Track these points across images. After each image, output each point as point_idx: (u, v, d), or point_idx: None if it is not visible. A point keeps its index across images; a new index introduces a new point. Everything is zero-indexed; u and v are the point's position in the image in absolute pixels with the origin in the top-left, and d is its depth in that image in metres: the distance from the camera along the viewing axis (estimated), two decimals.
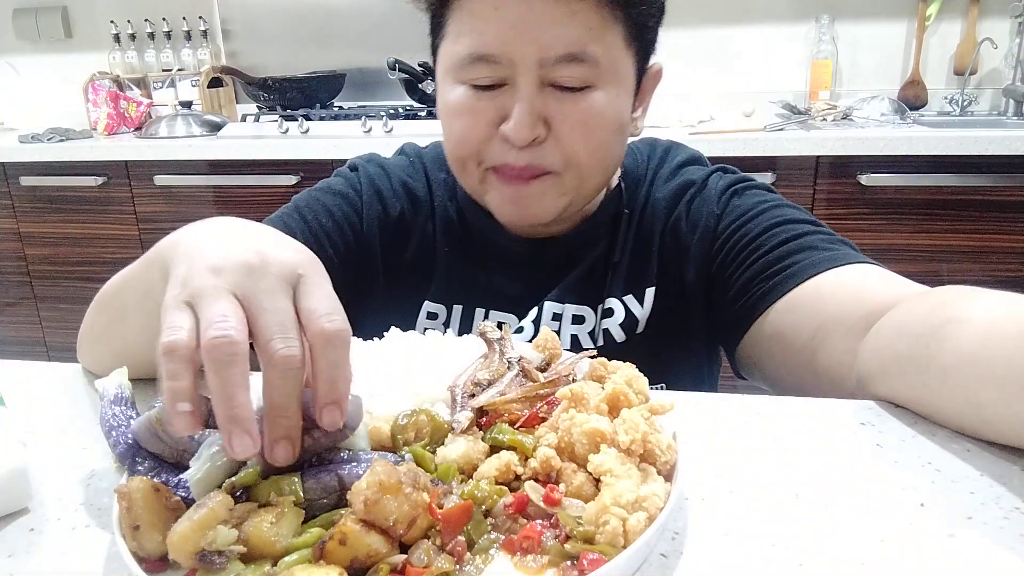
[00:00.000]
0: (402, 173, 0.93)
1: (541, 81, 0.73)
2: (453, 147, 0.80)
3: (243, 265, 0.44)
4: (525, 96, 0.73)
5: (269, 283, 0.44)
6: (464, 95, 0.76)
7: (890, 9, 2.42)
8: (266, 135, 2.29)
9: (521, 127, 0.73)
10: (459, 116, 0.77)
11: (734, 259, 0.81)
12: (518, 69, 0.72)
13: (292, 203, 0.91)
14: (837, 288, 0.72)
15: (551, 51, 0.71)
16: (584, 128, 0.75)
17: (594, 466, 0.44)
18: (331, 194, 0.91)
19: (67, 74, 2.93)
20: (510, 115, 0.73)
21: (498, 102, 0.75)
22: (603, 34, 0.72)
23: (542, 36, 0.71)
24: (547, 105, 0.74)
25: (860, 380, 0.66)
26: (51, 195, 2.43)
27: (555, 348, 0.61)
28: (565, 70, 0.72)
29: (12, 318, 2.62)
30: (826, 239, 0.78)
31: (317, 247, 0.85)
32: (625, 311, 0.86)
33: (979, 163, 1.89)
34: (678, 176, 0.90)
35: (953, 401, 0.56)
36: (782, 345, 0.75)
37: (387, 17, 2.69)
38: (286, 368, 0.42)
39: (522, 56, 0.72)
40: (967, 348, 0.54)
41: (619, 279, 0.87)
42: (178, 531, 0.40)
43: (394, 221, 0.90)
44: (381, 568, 0.39)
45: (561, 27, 0.71)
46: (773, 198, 0.85)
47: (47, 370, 0.75)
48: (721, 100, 2.42)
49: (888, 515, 0.47)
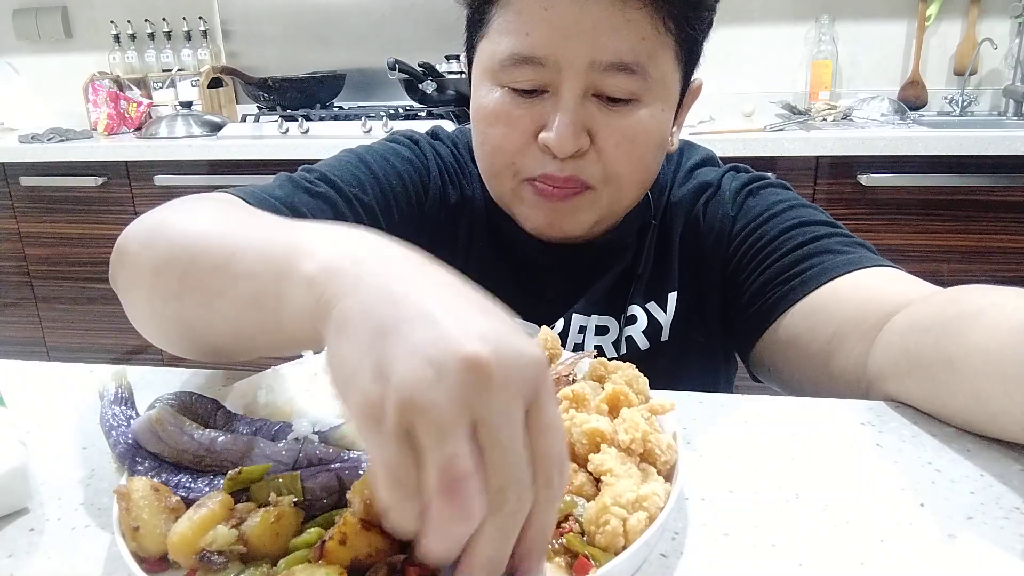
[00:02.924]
0: (451, 160, 0.88)
1: (586, 89, 0.69)
2: (488, 155, 0.76)
3: (472, 366, 0.31)
4: (569, 104, 0.69)
5: (505, 401, 0.32)
6: (501, 99, 0.72)
7: (890, 9, 2.42)
8: (266, 135, 2.29)
9: (564, 137, 0.68)
10: (495, 123, 0.72)
11: (750, 262, 0.80)
12: (564, 74, 0.68)
13: (354, 156, 0.84)
14: (854, 292, 0.71)
15: (602, 56, 0.67)
16: (629, 145, 0.71)
17: (594, 466, 0.44)
18: (399, 158, 0.85)
19: (67, 74, 2.93)
20: (548, 124, 0.70)
21: (538, 109, 0.71)
22: (656, 46, 0.69)
23: (594, 40, 0.67)
24: (591, 116, 0.70)
25: (871, 380, 0.65)
26: (51, 195, 2.43)
27: (555, 348, 0.61)
28: (613, 80, 0.68)
29: (12, 318, 2.61)
30: (843, 241, 0.77)
31: (385, 211, 0.81)
32: (648, 318, 0.84)
33: (979, 163, 1.89)
34: (692, 178, 0.88)
35: (960, 395, 0.56)
36: (797, 349, 0.74)
37: (387, 17, 2.70)
38: (514, 525, 0.33)
39: (570, 60, 0.68)
40: (974, 341, 0.54)
41: (642, 287, 0.85)
42: (178, 531, 0.40)
43: (450, 207, 0.86)
44: (381, 568, 0.39)
45: (615, 34, 0.67)
46: (788, 197, 0.84)
47: (47, 370, 0.75)
48: (721, 100, 2.42)
49: (888, 515, 0.47)
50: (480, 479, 0.31)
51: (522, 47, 0.69)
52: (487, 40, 0.73)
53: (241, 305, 0.48)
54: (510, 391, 0.32)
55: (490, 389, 0.31)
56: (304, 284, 0.40)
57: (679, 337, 0.85)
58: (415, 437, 0.31)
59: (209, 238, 0.51)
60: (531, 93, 0.71)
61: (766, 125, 2.09)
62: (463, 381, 0.31)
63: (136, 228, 0.60)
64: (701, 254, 0.85)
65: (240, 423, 0.52)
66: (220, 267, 0.49)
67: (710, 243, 0.84)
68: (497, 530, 0.33)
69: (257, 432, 0.50)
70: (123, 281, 0.61)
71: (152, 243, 0.56)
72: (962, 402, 0.56)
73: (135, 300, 0.60)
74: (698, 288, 0.85)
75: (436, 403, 0.31)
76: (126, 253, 0.59)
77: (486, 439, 0.32)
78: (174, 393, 0.51)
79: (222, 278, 0.49)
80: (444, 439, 0.31)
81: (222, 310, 0.50)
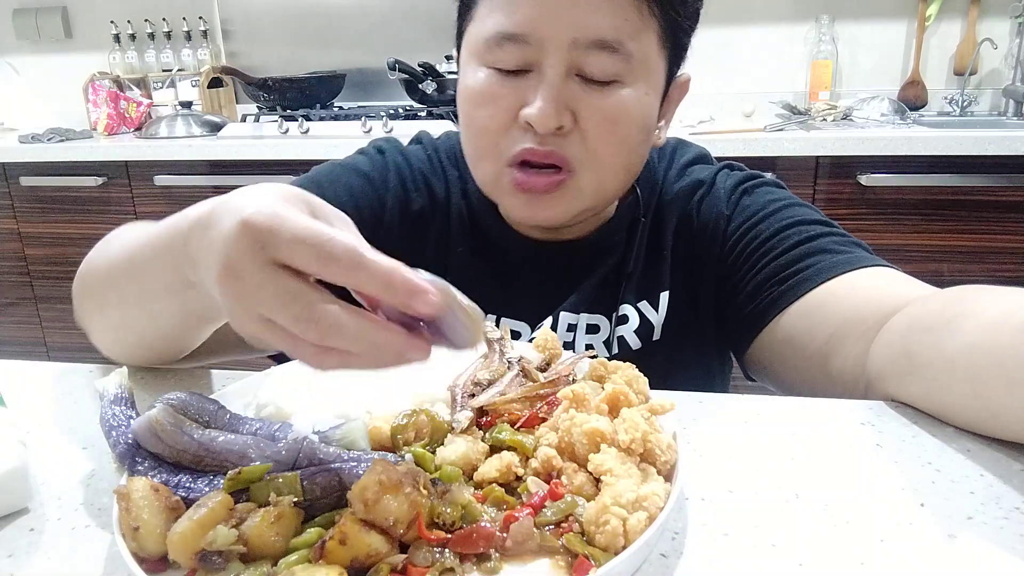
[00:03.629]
0: (423, 166, 0.89)
1: (569, 68, 0.70)
2: (471, 137, 0.76)
3: (246, 225, 0.44)
4: (551, 81, 0.69)
5: (268, 242, 0.44)
6: (486, 79, 0.72)
7: (890, 9, 2.42)
8: (266, 135, 2.29)
9: (545, 112, 0.69)
10: (479, 103, 0.73)
11: (745, 261, 0.80)
12: (546, 51, 0.69)
13: (311, 173, 0.86)
14: (851, 292, 0.71)
15: (584, 34, 0.68)
16: (611, 125, 0.72)
17: (594, 466, 0.44)
18: (355, 173, 0.86)
19: (67, 74, 2.93)
20: (530, 100, 0.70)
21: (522, 88, 0.71)
22: (639, 28, 0.70)
23: (577, 18, 0.68)
24: (573, 95, 0.70)
25: (870, 380, 0.65)
26: (51, 195, 2.43)
27: (555, 348, 0.61)
28: (596, 58, 0.69)
29: (12, 318, 2.61)
30: (838, 241, 0.76)
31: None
32: (640, 318, 0.84)
33: (979, 163, 1.89)
34: (685, 176, 0.88)
35: (961, 394, 0.56)
36: (794, 350, 0.74)
37: (387, 17, 2.70)
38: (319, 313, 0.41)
39: (552, 37, 0.69)
40: (975, 340, 0.54)
41: (633, 285, 0.84)
42: (178, 531, 0.40)
43: (414, 216, 0.86)
44: (381, 568, 0.39)
45: (597, 12, 0.68)
46: (783, 195, 0.83)
47: (47, 370, 0.75)
48: (721, 100, 2.42)
49: (888, 515, 0.47)
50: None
51: (507, 24, 0.70)
52: (474, 23, 0.74)
53: (157, 289, 0.57)
54: (271, 237, 0.41)
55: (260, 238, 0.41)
56: (183, 239, 0.49)
57: (672, 337, 0.84)
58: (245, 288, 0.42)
59: (112, 253, 0.64)
60: (515, 73, 0.71)
61: (766, 125, 2.09)
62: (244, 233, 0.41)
63: (79, 272, 0.72)
64: (695, 252, 0.84)
65: (240, 423, 0.52)
66: (127, 268, 0.60)
67: (704, 241, 0.83)
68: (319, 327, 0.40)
69: (257, 432, 0.50)
70: (80, 314, 0.72)
71: (82, 276, 0.70)
72: (963, 401, 0.56)
73: (92, 328, 0.71)
74: (692, 287, 0.84)
75: (238, 253, 0.41)
76: (75, 294, 0.72)
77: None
78: (174, 393, 0.51)
79: (133, 275, 0.60)
80: (254, 278, 0.41)
81: (145, 304, 0.61)
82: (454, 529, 0.42)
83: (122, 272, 0.62)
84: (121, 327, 0.68)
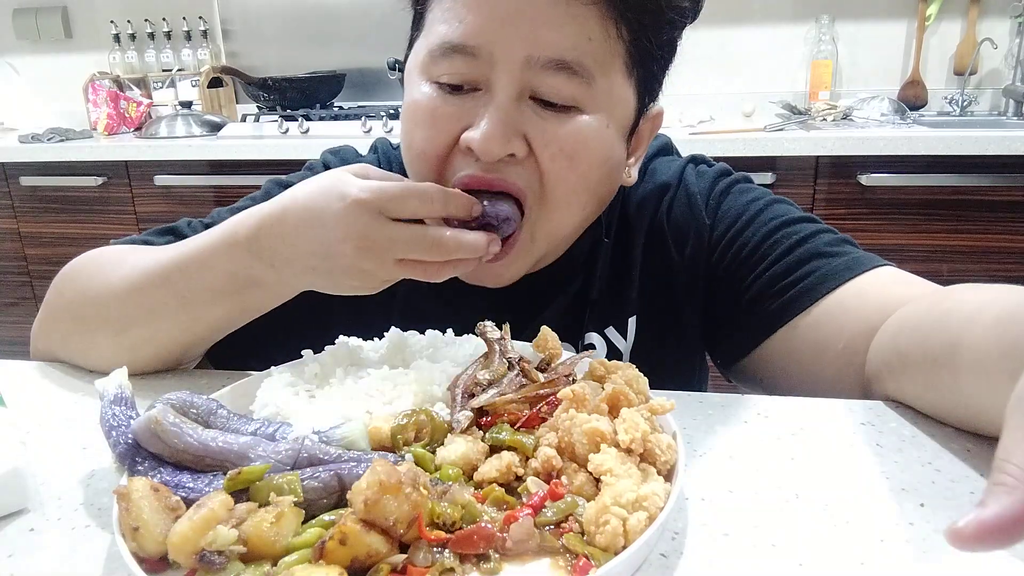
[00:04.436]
0: None
1: (521, 90, 0.62)
2: (409, 161, 0.69)
3: (358, 200, 0.59)
4: (500, 102, 0.61)
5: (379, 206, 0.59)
6: (429, 95, 0.64)
7: (890, 9, 2.42)
8: (266, 135, 2.29)
9: (490, 138, 0.61)
10: (420, 122, 0.65)
11: (737, 271, 0.75)
12: (498, 69, 0.61)
13: (255, 194, 0.82)
14: (859, 301, 0.67)
15: (541, 52, 0.60)
16: (568, 159, 0.63)
17: (594, 466, 0.44)
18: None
19: (67, 74, 2.93)
20: (475, 122, 0.62)
21: (468, 107, 0.63)
22: (603, 50, 0.62)
23: (533, 32, 0.60)
24: (525, 120, 0.62)
25: (869, 381, 0.65)
26: (51, 195, 2.43)
27: (555, 348, 0.61)
28: (552, 79, 0.61)
29: (12, 318, 2.62)
30: (830, 241, 0.73)
31: None
32: (608, 345, 0.78)
33: (979, 163, 1.89)
34: (648, 179, 0.80)
35: (948, 393, 0.56)
36: (800, 364, 0.70)
37: (387, 17, 2.67)
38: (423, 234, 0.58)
39: (505, 51, 0.61)
40: (957, 338, 0.53)
41: (597, 313, 0.78)
42: (178, 531, 0.40)
43: None
44: (381, 568, 0.39)
45: (557, 28, 0.60)
46: (762, 193, 0.79)
47: (47, 370, 0.75)
48: (721, 100, 2.42)
49: (888, 515, 0.47)
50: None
51: (455, 34, 0.62)
52: (423, 35, 0.67)
53: (205, 295, 0.64)
54: (382, 202, 0.57)
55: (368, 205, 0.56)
56: (248, 239, 0.61)
57: (642, 361, 0.74)
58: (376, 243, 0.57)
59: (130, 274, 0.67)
60: (462, 91, 0.64)
61: (766, 125, 2.09)
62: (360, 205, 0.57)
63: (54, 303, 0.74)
64: (670, 267, 0.78)
65: (240, 423, 0.52)
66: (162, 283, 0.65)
67: (685, 255, 0.77)
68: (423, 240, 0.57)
69: (257, 432, 0.50)
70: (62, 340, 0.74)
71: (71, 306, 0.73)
72: (951, 399, 0.56)
73: (91, 351, 0.72)
74: (668, 305, 0.78)
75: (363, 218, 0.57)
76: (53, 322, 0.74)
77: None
78: (174, 393, 0.51)
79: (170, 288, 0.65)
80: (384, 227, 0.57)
81: (184, 312, 0.66)
82: (454, 529, 0.42)
83: (156, 287, 0.65)
84: (145, 342, 0.69)
